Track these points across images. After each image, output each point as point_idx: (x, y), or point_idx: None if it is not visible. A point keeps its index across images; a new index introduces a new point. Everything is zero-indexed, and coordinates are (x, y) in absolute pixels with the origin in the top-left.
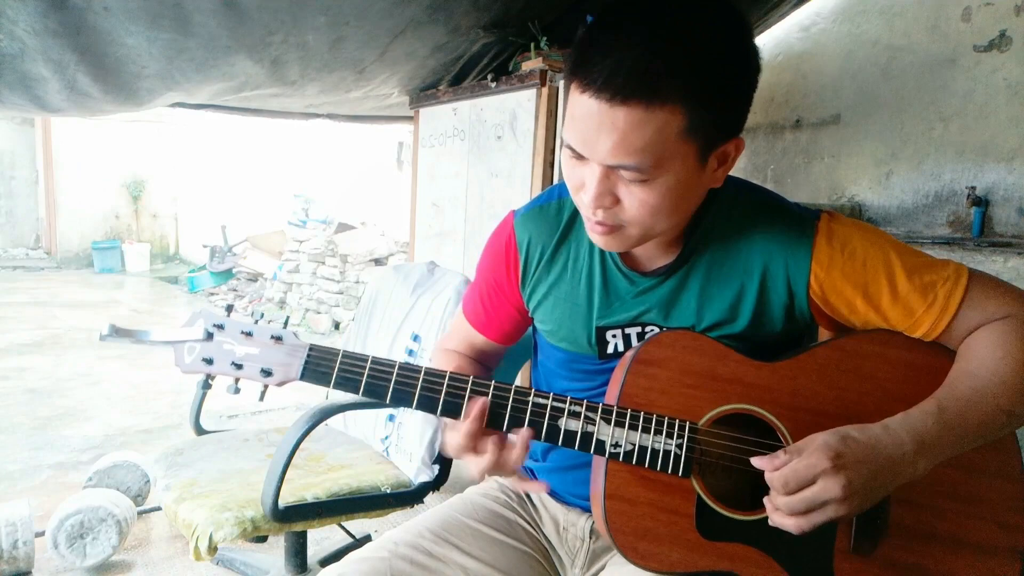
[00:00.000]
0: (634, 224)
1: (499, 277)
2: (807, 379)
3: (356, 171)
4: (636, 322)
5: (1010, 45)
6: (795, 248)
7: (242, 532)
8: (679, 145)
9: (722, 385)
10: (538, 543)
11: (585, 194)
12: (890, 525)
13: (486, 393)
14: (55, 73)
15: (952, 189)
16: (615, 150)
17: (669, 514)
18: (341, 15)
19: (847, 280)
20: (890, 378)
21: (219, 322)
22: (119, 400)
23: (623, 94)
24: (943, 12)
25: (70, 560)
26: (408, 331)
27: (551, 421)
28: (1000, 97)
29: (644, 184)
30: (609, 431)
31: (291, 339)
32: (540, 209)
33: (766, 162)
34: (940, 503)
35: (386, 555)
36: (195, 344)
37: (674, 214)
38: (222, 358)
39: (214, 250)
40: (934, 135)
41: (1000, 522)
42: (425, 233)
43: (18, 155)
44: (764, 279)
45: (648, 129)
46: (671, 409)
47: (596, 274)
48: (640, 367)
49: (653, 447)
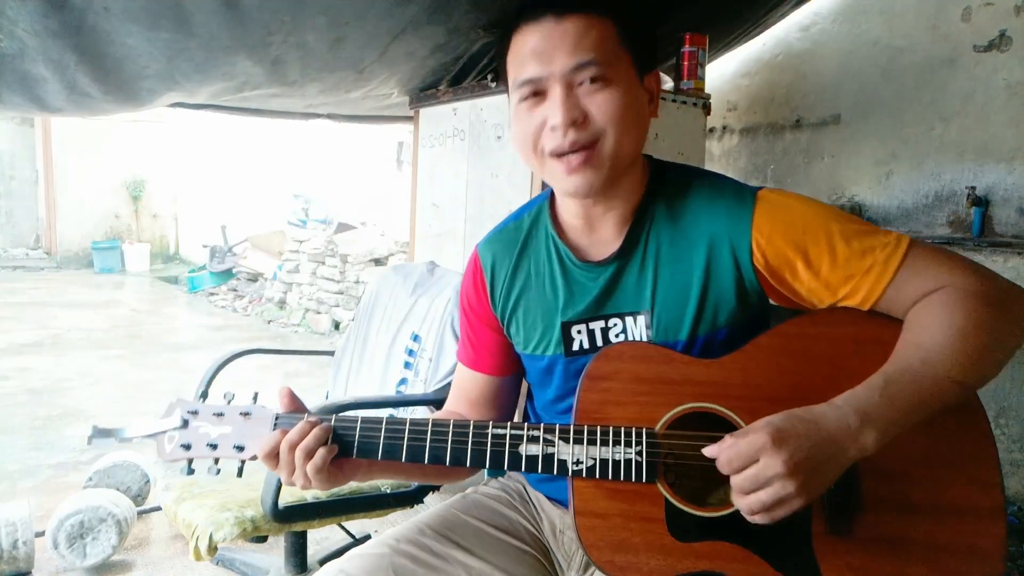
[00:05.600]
0: (607, 134)
1: (473, 304)
2: (757, 369)
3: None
4: (599, 315)
5: (1010, 45)
6: (736, 220)
7: (242, 532)
8: (619, 50)
9: (674, 388)
10: (539, 542)
11: (553, 118)
12: (864, 500)
13: (446, 432)
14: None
15: (952, 189)
16: (573, 50)
17: (640, 522)
18: (341, 15)
19: (788, 245)
20: (839, 355)
21: (193, 408)
22: (119, 400)
23: (568, 8)
24: (943, 12)
25: (70, 560)
26: (408, 331)
27: (512, 449)
28: (1000, 97)
29: (604, 88)
30: (568, 449)
31: (258, 412)
32: (499, 232)
33: (766, 162)
34: (912, 471)
35: (387, 551)
36: (174, 433)
37: (633, 128)
38: (198, 442)
39: (214, 250)
40: (934, 135)
41: (978, 481)
42: (425, 233)
43: (18, 155)
44: (711, 255)
45: (593, 32)
46: (627, 419)
47: (557, 273)
48: (591, 383)
49: (614, 458)
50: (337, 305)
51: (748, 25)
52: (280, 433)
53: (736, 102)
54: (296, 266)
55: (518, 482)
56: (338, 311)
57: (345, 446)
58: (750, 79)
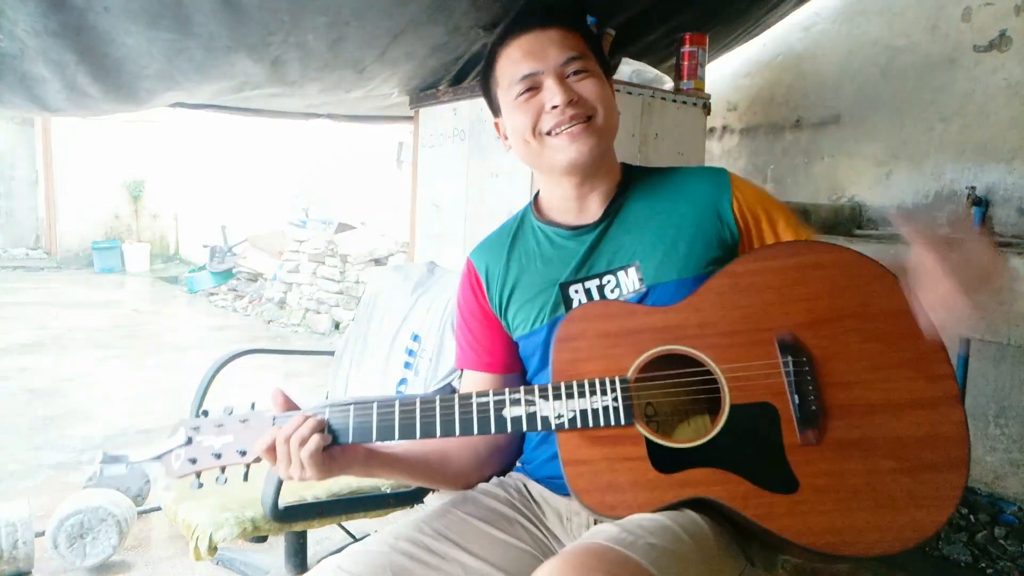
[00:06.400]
0: (599, 111)
1: (472, 306)
2: (711, 309)
3: (356, 171)
4: (592, 275)
5: (1010, 45)
6: (717, 181)
7: (242, 532)
8: (590, 53)
9: (638, 337)
10: (538, 541)
11: (554, 101)
12: (828, 409)
13: (433, 407)
14: (55, 73)
15: (952, 189)
16: (562, 48)
17: (624, 462)
18: (341, 15)
19: (757, 205)
20: (785, 283)
21: (196, 425)
22: (119, 400)
23: (550, 21)
24: (943, 12)
25: (70, 560)
26: (408, 331)
27: (497, 412)
28: (1000, 97)
29: (588, 77)
30: (549, 406)
31: (256, 417)
32: (488, 240)
33: (766, 162)
34: (867, 376)
35: (386, 549)
36: (180, 451)
37: (613, 112)
38: (203, 454)
39: (214, 250)
40: (934, 135)
41: (929, 375)
42: (425, 233)
43: (18, 155)
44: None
45: (571, 39)
46: (599, 371)
47: (545, 247)
48: (562, 344)
49: (592, 407)
50: (337, 305)
51: (748, 25)
52: (276, 429)
53: (736, 102)
54: (296, 266)
55: (518, 480)
56: (338, 311)
57: (340, 434)
58: (750, 79)
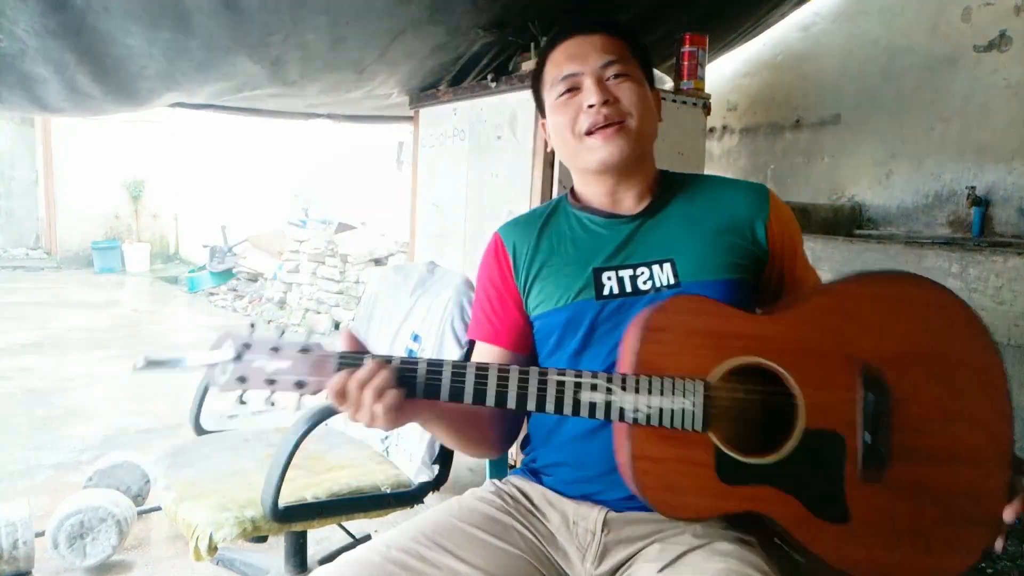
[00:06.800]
0: (633, 114)
1: (494, 278)
2: (805, 326)
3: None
4: (626, 264)
5: (1010, 45)
6: (757, 199)
7: (242, 532)
8: (632, 59)
9: (727, 341)
10: (533, 547)
11: (590, 100)
12: (894, 451)
13: (507, 377)
14: (55, 73)
15: (952, 189)
16: (602, 52)
17: (691, 466)
18: (341, 15)
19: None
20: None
21: (246, 341)
22: (119, 400)
23: (593, 29)
24: (943, 12)
25: (70, 560)
26: (408, 331)
27: (574, 395)
28: (1000, 97)
29: (628, 80)
30: (628, 398)
31: (318, 349)
32: (518, 220)
33: (766, 162)
34: (936, 426)
35: (378, 559)
36: (228, 365)
37: (650, 116)
38: (255, 376)
39: (214, 250)
40: (934, 135)
41: (990, 433)
42: (425, 233)
43: (18, 155)
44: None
45: (613, 44)
46: (683, 369)
47: (579, 233)
48: (651, 334)
49: (671, 407)
50: (337, 305)
51: (748, 25)
52: (348, 372)
53: (736, 102)
54: (296, 266)
55: (514, 486)
56: (338, 311)
57: (409, 388)
58: (750, 79)
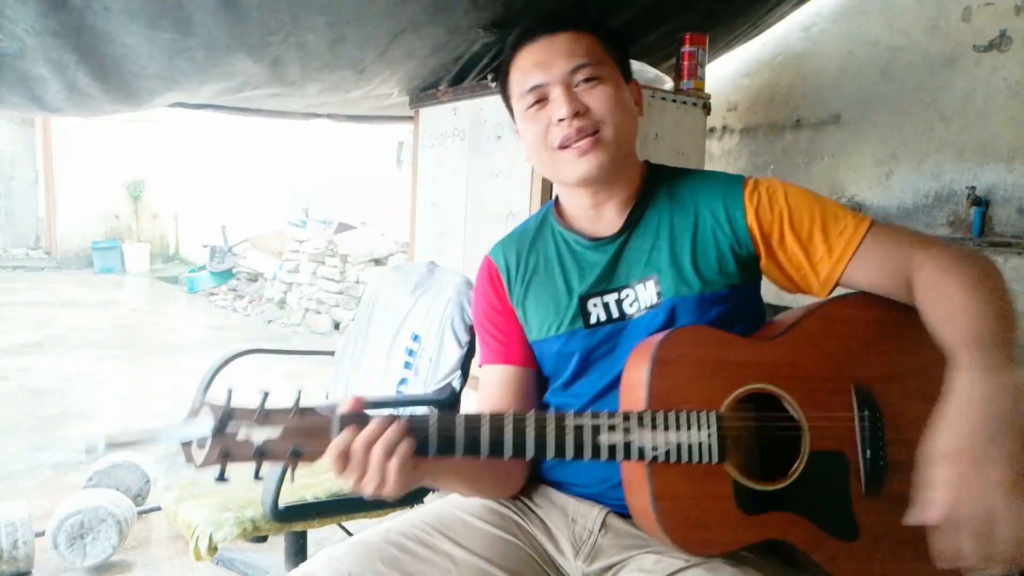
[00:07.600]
0: (607, 122)
1: (492, 300)
2: (803, 350)
3: (356, 171)
4: (611, 288)
5: (1010, 45)
6: (730, 189)
7: (242, 532)
8: (605, 56)
9: (733, 370)
10: (530, 537)
11: (559, 114)
12: (890, 465)
13: (523, 424)
14: (55, 73)
15: (952, 189)
16: (568, 57)
17: (712, 500)
18: (341, 15)
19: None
20: (869, 334)
21: (228, 410)
22: (119, 400)
23: (558, 27)
24: (943, 12)
25: (70, 560)
26: (408, 331)
27: (593, 438)
28: (1000, 97)
29: (598, 85)
30: (646, 436)
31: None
32: (507, 237)
33: (766, 162)
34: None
35: (377, 540)
36: (206, 440)
37: (627, 119)
38: (239, 448)
39: (214, 250)
40: (934, 135)
41: None
42: (425, 233)
43: (18, 155)
44: (711, 220)
45: (582, 43)
46: (693, 402)
47: (565, 256)
48: (662, 368)
49: (688, 442)
50: (337, 305)
51: (748, 25)
52: (352, 431)
53: (736, 102)
54: (296, 266)
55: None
56: (338, 311)
57: (421, 444)
58: (750, 79)
